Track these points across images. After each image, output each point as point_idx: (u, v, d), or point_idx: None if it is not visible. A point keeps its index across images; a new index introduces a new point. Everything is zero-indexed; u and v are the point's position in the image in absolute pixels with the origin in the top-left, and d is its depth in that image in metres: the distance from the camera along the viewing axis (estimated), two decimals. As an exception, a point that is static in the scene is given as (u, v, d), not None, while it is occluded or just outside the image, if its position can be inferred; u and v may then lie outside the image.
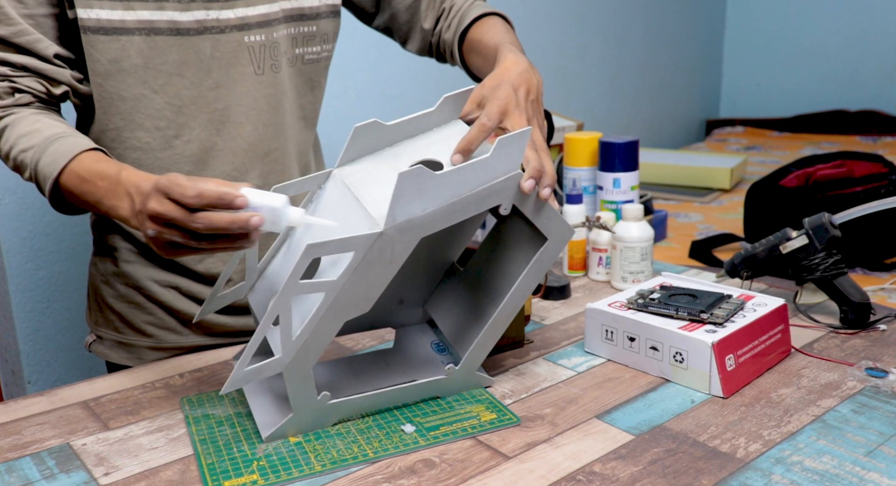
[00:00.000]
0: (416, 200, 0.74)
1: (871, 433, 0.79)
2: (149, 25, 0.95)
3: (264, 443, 0.80)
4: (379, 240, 0.74)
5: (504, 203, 0.80)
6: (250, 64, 1.02)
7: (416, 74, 2.42)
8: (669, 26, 3.43)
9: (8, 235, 1.69)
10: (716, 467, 0.74)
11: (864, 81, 3.43)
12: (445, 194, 0.76)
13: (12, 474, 0.77)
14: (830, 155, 1.88)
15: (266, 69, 1.04)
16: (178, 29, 0.97)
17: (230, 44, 1.00)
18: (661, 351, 0.92)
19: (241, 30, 1.01)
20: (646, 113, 3.41)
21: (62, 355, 1.80)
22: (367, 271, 0.75)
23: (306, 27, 1.07)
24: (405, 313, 0.97)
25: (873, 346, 1.00)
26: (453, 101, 0.87)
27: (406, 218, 0.74)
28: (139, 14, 0.94)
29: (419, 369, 0.92)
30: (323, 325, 0.76)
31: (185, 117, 1.01)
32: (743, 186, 2.55)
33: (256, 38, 1.02)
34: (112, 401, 0.92)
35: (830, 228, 1.07)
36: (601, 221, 1.25)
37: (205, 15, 0.98)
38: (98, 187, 0.86)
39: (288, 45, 1.06)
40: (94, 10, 0.93)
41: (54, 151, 0.89)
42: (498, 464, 0.76)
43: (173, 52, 0.97)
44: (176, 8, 0.96)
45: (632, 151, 1.41)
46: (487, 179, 0.78)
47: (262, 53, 1.03)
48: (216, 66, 1.00)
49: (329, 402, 0.81)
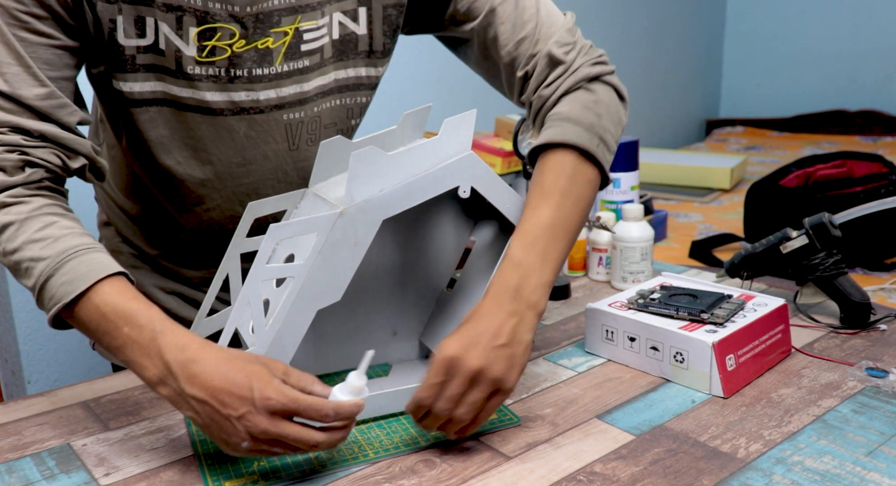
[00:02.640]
0: (372, 180, 0.76)
1: (871, 433, 0.79)
2: (179, 101, 0.88)
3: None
4: (340, 220, 0.75)
5: (462, 185, 0.81)
6: (285, 141, 0.94)
7: (415, 77, 2.42)
8: (669, 27, 3.43)
9: (8, 236, 1.69)
10: (716, 467, 0.74)
11: (864, 81, 3.43)
12: (400, 175, 0.78)
13: (12, 474, 0.77)
14: (830, 155, 1.88)
15: (301, 144, 0.96)
16: (210, 109, 0.89)
17: (267, 122, 0.92)
18: (662, 351, 0.92)
19: (281, 108, 0.92)
20: (646, 113, 3.41)
21: (62, 355, 1.80)
22: (333, 254, 0.76)
23: (362, 98, 0.97)
24: (400, 347, 0.97)
25: (873, 346, 1.00)
26: (413, 117, 0.88)
27: (364, 198, 0.76)
28: (169, 88, 0.87)
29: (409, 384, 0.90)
30: (295, 313, 0.76)
31: (207, 190, 0.96)
32: (743, 186, 2.55)
33: (295, 116, 0.93)
34: (112, 401, 0.92)
35: (830, 228, 1.06)
36: (601, 221, 1.25)
37: (245, 96, 0.89)
38: (121, 334, 0.72)
39: (341, 116, 0.97)
40: (129, 83, 0.85)
41: (71, 270, 0.73)
42: (498, 464, 0.76)
43: (202, 129, 0.90)
44: (210, 88, 0.87)
45: (632, 151, 1.41)
46: (439, 160, 0.80)
47: (299, 129, 0.94)
48: (249, 145, 0.93)
49: None
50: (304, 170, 0.97)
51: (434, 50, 1.22)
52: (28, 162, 0.78)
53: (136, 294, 0.74)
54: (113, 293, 0.72)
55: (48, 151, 0.79)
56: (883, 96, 3.38)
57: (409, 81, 2.43)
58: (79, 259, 0.73)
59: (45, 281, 0.73)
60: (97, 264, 0.74)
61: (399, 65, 2.34)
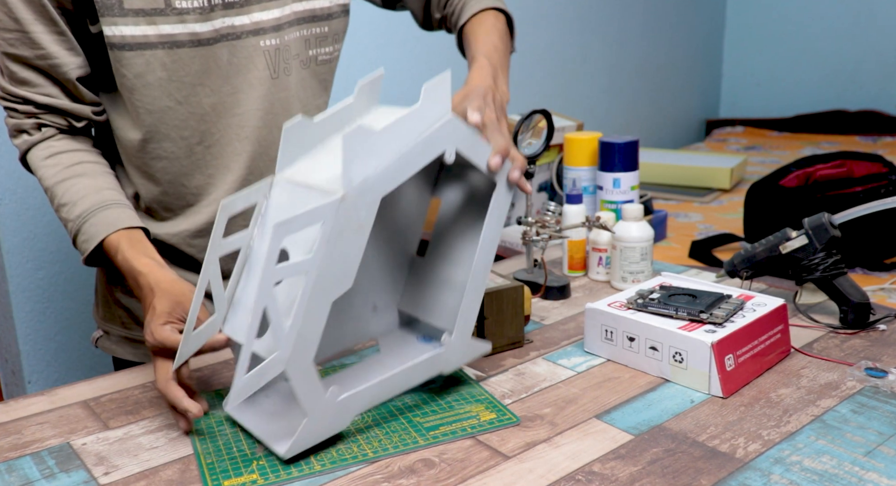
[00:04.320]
0: (366, 158, 0.75)
1: (870, 433, 0.79)
2: (171, 39, 0.96)
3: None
4: (342, 205, 0.74)
5: (447, 149, 0.81)
6: (266, 68, 1.03)
7: (414, 75, 2.42)
8: (669, 26, 3.43)
9: (8, 236, 1.69)
10: (715, 467, 0.74)
11: (864, 81, 3.43)
12: (391, 149, 0.77)
13: (12, 473, 0.77)
14: (830, 155, 1.88)
15: (280, 73, 1.05)
16: (199, 40, 0.97)
17: (246, 49, 1.01)
18: (661, 351, 0.92)
19: (256, 34, 1.01)
20: (645, 113, 3.40)
21: (62, 355, 1.80)
22: (340, 242, 0.75)
23: (318, 28, 1.08)
24: (381, 320, 0.96)
25: (873, 346, 1.00)
26: (369, 87, 0.87)
27: (361, 178, 0.75)
28: (161, 29, 0.95)
29: (414, 358, 0.90)
30: (312, 309, 0.74)
31: (207, 124, 1.02)
32: (743, 186, 2.55)
33: (271, 43, 1.03)
34: (112, 401, 0.92)
35: (830, 229, 1.07)
36: (601, 221, 1.25)
37: (221, 23, 0.98)
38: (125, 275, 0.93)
39: (300, 48, 1.07)
40: (119, 27, 0.94)
41: (84, 232, 0.95)
42: (497, 464, 0.76)
43: (195, 62, 0.98)
44: (197, 19, 0.96)
45: (632, 151, 1.41)
46: (425, 128, 0.79)
47: (276, 57, 1.04)
48: (234, 72, 1.01)
49: (340, 398, 0.79)
50: (285, 101, 1.07)
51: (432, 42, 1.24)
52: (41, 124, 0.99)
53: (120, 248, 0.93)
54: (110, 250, 0.94)
55: (56, 117, 0.99)
56: (883, 96, 3.38)
57: (410, 81, 2.43)
58: (89, 222, 0.94)
59: (74, 237, 0.97)
60: (101, 226, 0.94)
61: (399, 65, 2.35)
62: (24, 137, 0.99)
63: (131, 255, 0.91)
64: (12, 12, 0.92)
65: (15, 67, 0.95)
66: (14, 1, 0.91)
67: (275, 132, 1.06)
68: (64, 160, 0.98)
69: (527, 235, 1.21)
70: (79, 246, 0.96)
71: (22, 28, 0.92)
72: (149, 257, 0.91)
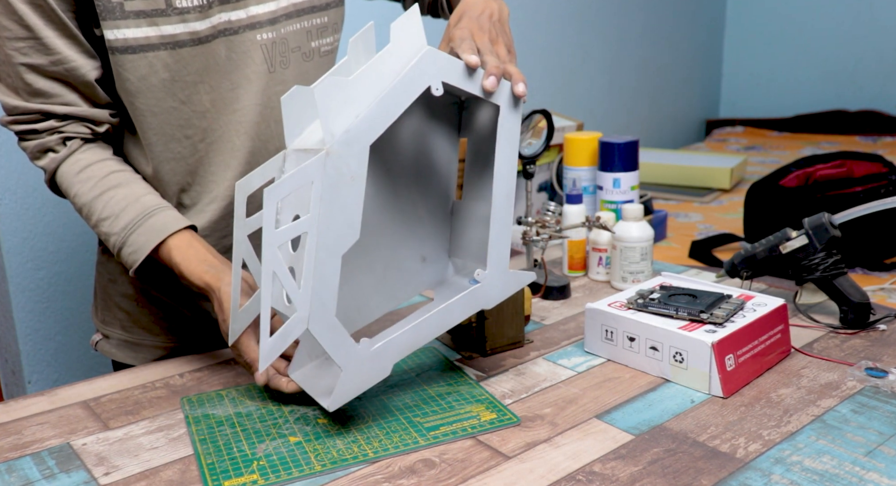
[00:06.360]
0: (344, 108, 0.74)
1: (870, 433, 0.79)
2: (172, 39, 0.95)
3: (271, 442, 0.80)
4: (329, 160, 0.73)
5: (433, 83, 0.79)
6: (263, 62, 1.03)
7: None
8: (669, 26, 3.43)
9: (8, 236, 1.69)
10: (715, 467, 0.74)
11: (864, 81, 3.43)
12: (369, 94, 0.76)
13: (12, 473, 0.77)
14: (830, 155, 1.88)
15: (276, 66, 1.05)
16: (199, 38, 0.97)
17: (243, 44, 1.01)
18: (661, 351, 0.92)
19: (253, 28, 1.01)
20: (645, 113, 3.41)
21: (62, 355, 1.80)
22: (335, 196, 0.74)
23: (318, 19, 1.07)
24: (433, 270, 0.95)
25: (873, 346, 1.00)
26: (362, 42, 0.86)
27: (343, 130, 0.74)
28: (163, 29, 0.95)
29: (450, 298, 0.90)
30: (322, 266, 0.74)
31: (209, 121, 1.02)
32: (743, 186, 2.55)
33: (267, 36, 1.02)
34: (112, 401, 0.92)
35: (830, 229, 1.07)
36: (601, 221, 1.25)
37: (218, 19, 0.98)
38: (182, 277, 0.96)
39: (302, 40, 1.06)
40: (121, 30, 0.93)
41: (144, 231, 0.97)
42: (498, 464, 0.76)
43: (196, 61, 0.98)
44: (197, 17, 0.96)
45: (632, 151, 1.41)
46: (401, 66, 0.78)
47: (272, 50, 1.03)
48: (232, 68, 1.01)
49: (373, 348, 0.79)
50: (282, 94, 1.05)
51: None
52: (66, 138, 0.99)
53: (173, 261, 0.96)
54: (164, 258, 0.97)
55: (77, 125, 0.99)
56: (883, 96, 3.38)
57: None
58: (136, 232, 0.96)
59: (118, 250, 0.98)
60: (150, 234, 0.96)
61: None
62: (50, 156, 0.99)
63: (185, 268, 0.94)
64: (23, 20, 0.90)
65: (31, 78, 0.94)
66: (23, 8, 0.90)
67: (273, 127, 1.06)
68: (96, 172, 0.98)
69: (527, 235, 1.21)
70: (125, 258, 0.96)
71: (34, 35, 0.91)
72: (201, 261, 0.94)
